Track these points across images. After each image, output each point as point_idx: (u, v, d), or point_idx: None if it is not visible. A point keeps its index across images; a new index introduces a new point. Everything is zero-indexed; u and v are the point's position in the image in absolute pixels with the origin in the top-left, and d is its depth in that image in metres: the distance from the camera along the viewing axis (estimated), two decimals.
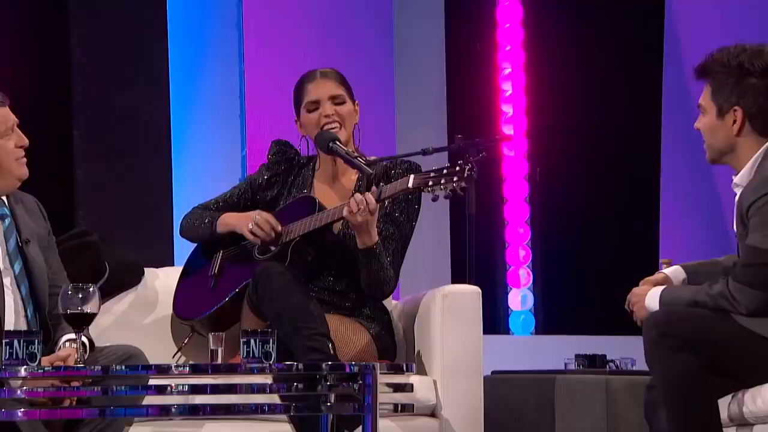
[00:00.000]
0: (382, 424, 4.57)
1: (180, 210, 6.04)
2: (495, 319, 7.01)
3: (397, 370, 3.99)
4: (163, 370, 3.73)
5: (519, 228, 7.24)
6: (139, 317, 5.39)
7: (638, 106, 7.11)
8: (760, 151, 4.39)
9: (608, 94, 7.23)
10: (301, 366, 3.79)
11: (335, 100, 5.17)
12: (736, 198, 4.40)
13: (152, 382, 3.89)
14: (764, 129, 4.39)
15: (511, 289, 7.18)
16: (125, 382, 3.73)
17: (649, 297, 4.51)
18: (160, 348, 5.17)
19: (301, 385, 3.75)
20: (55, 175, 6.53)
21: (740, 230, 4.37)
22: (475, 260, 6.63)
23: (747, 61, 4.38)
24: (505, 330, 7.09)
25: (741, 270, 4.27)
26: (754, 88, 4.37)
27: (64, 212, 6.42)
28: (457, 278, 5.48)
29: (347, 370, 3.76)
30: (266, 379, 3.90)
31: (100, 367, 3.75)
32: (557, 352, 5.95)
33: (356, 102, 5.28)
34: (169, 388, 3.66)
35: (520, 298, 7.24)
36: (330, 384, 3.74)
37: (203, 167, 6.68)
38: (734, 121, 4.40)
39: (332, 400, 3.74)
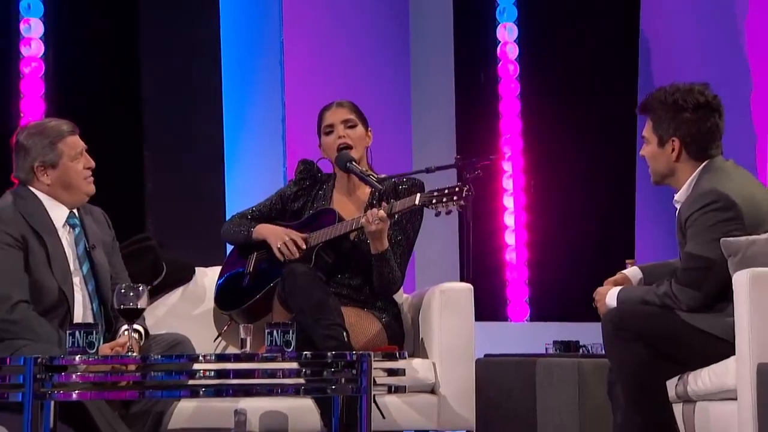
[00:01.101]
0: (389, 400, 4.64)
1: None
2: (495, 309, 7.00)
3: (392, 357, 3.96)
4: (193, 359, 3.70)
5: (517, 232, 7.19)
6: (189, 308, 5.39)
7: (615, 127, 7.05)
8: (695, 173, 4.41)
9: (589, 119, 7.15)
10: (309, 355, 3.78)
11: (347, 123, 5.17)
12: (677, 212, 4.42)
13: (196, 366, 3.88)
14: (698, 155, 4.41)
15: (508, 283, 7.15)
16: (164, 368, 3.71)
17: (609, 295, 4.53)
18: (204, 334, 5.20)
19: (309, 371, 3.75)
20: (128, 188, 6.53)
21: (680, 239, 4.39)
22: (480, 259, 6.68)
23: (681, 98, 4.41)
24: (504, 318, 7.05)
25: (681, 273, 4.29)
26: (688, 122, 4.39)
27: (136, 219, 6.42)
28: (463, 276, 5.44)
29: (348, 358, 3.74)
30: (282, 366, 3.86)
31: (139, 357, 3.75)
32: (546, 336, 5.92)
33: (369, 129, 5.26)
34: (198, 373, 3.66)
35: (516, 291, 7.20)
36: (334, 370, 3.73)
37: (251, 181, 6.65)
38: (673, 150, 4.42)
39: (336, 384, 3.73)
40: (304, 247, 5.04)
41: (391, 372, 4.00)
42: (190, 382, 3.64)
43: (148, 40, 6.79)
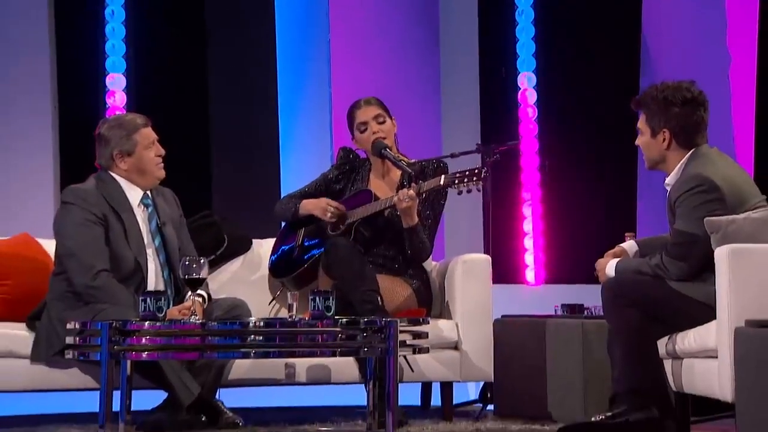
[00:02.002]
0: (418, 356, 4.64)
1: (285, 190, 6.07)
2: (514, 273, 6.98)
3: (416, 322, 3.96)
4: (244, 325, 3.70)
5: (533, 205, 7.17)
6: (247, 275, 5.40)
7: (618, 119, 6.99)
8: (683, 159, 4.39)
9: (597, 109, 7.08)
10: (345, 321, 3.79)
11: (378, 119, 5.16)
12: (668, 194, 4.40)
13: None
14: (686, 144, 4.39)
15: (525, 250, 7.13)
16: (219, 334, 3.71)
17: (608, 267, 4.52)
18: (260, 298, 5.21)
19: (344, 336, 3.75)
20: (196, 171, 6.54)
21: (670, 217, 4.38)
22: (501, 229, 6.67)
23: (670, 95, 4.39)
24: (522, 281, 7.03)
25: (670, 247, 4.28)
26: (677, 116, 4.37)
27: (203, 198, 6.41)
28: (486, 247, 5.45)
29: (378, 324, 3.74)
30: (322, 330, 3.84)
31: (199, 323, 3.76)
32: (557, 297, 5.88)
33: (393, 118, 5.24)
34: (249, 338, 3.67)
35: (533, 257, 7.18)
36: (366, 334, 3.73)
37: (301, 164, 6.64)
38: (664, 140, 4.40)
39: (368, 346, 3.73)
40: (343, 208, 5.08)
41: (416, 335, 3.99)
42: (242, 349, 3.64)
43: (213, 45, 6.77)
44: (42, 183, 6.42)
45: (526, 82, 7.25)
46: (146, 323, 3.66)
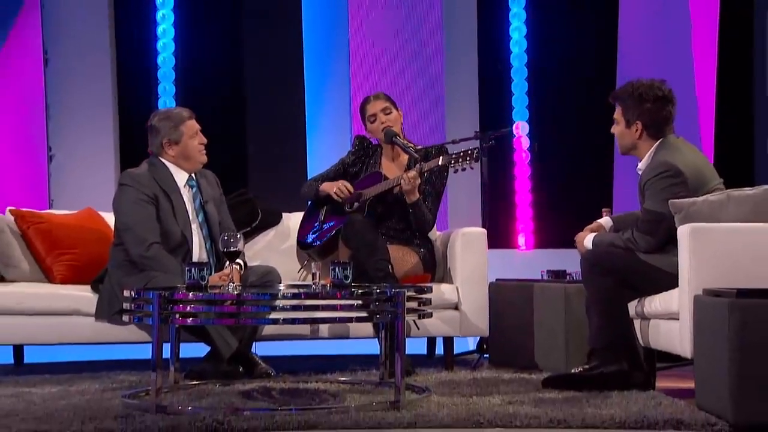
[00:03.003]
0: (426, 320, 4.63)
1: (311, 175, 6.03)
2: (508, 239, 6.96)
3: (420, 291, 3.94)
4: (274, 296, 3.68)
5: (523, 181, 7.14)
6: (278, 245, 5.42)
7: (600, 102, 6.91)
8: (653, 148, 4.37)
9: (579, 94, 7.00)
10: (360, 291, 3.74)
11: (385, 111, 5.14)
12: (639, 178, 4.39)
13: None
14: (655, 135, 4.37)
15: (518, 219, 7.10)
16: (252, 303, 3.69)
17: (586, 240, 4.51)
18: (289, 264, 5.23)
19: (359, 302, 3.74)
20: (236, 156, 6.53)
21: (640, 198, 4.36)
22: (498, 202, 6.66)
23: (644, 92, 4.36)
24: (515, 246, 7.01)
25: (640, 224, 4.27)
26: (649, 111, 4.35)
27: (240, 177, 6.41)
28: (484, 220, 5.45)
29: (387, 294, 3.70)
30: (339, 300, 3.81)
31: (235, 294, 3.73)
32: (544, 261, 5.89)
33: (400, 109, 5.22)
34: (278, 306, 3.66)
35: (524, 226, 7.16)
36: (378, 303, 3.69)
37: (324, 148, 6.62)
38: (636, 131, 4.37)
39: (379, 313, 3.69)
40: (352, 190, 5.08)
41: (421, 302, 3.98)
42: (272, 315, 3.63)
43: (249, 43, 6.78)
44: (104, 163, 6.44)
45: (519, 75, 7.19)
46: (191, 293, 3.64)
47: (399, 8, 6.87)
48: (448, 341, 4.99)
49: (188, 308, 3.60)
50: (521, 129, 7.03)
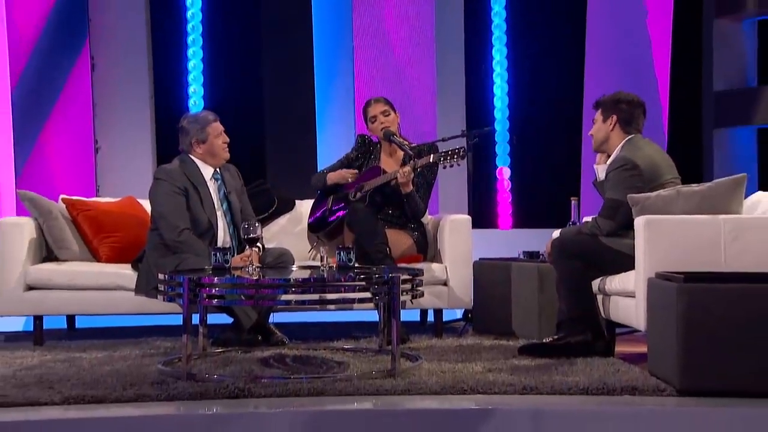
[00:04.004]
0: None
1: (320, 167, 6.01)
2: (491, 220, 6.93)
3: (414, 274, 3.91)
4: (287, 280, 3.63)
5: (503, 170, 7.10)
6: (291, 228, 5.41)
7: (567, 94, 6.85)
8: (622, 143, 4.36)
9: (550, 98, 6.94)
10: (361, 276, 3.71)
11: (384, 113, 5.10)
12: (595, 175, 4.39)
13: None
14: (625, 129, 4.39)
15: (499, 203, 7.06)
16: (268, 286, 3.66)
17: (554, 234, 4.52)
18: (300, 246, 5.21)
19: (361, 284, 3.71)
20: (255, 149, 6.48)
21: (599, 191, 4.37)
22: (483, 188, 6.64)
23: (621, 98, 4.42)
24: (496, 226, 6.98)
25: (602, 210, 4.27)
26: (623, 110, 4.35)
27: (259, 169, 6.36)
28: (469, 207, 5.43)
29: (385, 278, 3.68)
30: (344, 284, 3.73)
31: (255, 277, 3.72)
32: (521, 240, 5.85)
33: (397, 112, 5.17)
34: (291, 290, 3.63)
35: (504, 208, 7.12)
36: (377, 286, 3.66)
37: (332, 143, 6.57)
38: (611, 123, 4.37)
39: (378, 295, 3.67)
40: (354, 174, 5.06)
41: (414, 284, 3.93)
42: (285, 297, 3.62)
43: (266, 54, 6.71)
44: (142, 156, 6.42)
45: (500, 79, 7.11)
46: (215, 278, 3.64)
47: (399, 21, 6.79)
48: (438, 312, 4.97)
49: (213, 291, 3.59)
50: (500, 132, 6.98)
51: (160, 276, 3.82)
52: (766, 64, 7.32)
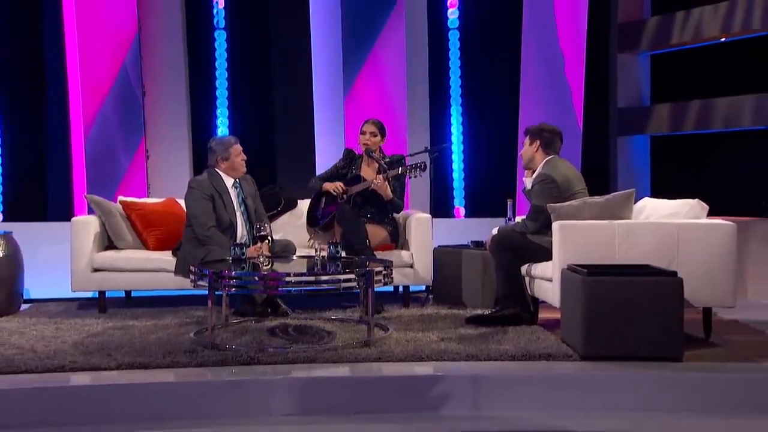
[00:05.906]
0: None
1: (317, 172, 5.91)
2: (448, 210, 6.84)
3: (386, 265, 3.88)
4: (281, 275, 3.57)
5: (459, 173, 7.02)
6: (294, 222, 5.33)
7: (505, 118, 6.70)
8: (543, 161, 4.34)
9: (499, 112, 6.79)
10: (345, 270, 3.64)
11: (372, 134, 5.03)
12: (524, 186, 4.38)
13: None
14: (546, 152, 4.35)
15: (455, 198, 6.94)
16: (274, 278, 3.58)
17: (493, 230, 4.51)
18: (301, 237, 5.13)
19: (344, 274, 3.68)
20: (265, 156, 6.31)
21: (528, 198, 4.36)
22: (443, 186, 6.53)
23: (545, 128, 4.39)
24: (453, 215, 6.88)
25: (528, 214, 4.26)
26: (545, 137, 4.32)
27: (270, 176, 6.20)
28: (431, 207, 5.32)
29: (364, 270, 3.63)
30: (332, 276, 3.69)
31: (264, 273, 3.67)
32: (473, 228, 5.76)
33: (383, 136, 5.08)
34: (291, 280, 3.56)
35: (459, 200, 7.02)
36: (357, 275, 3.60)
37: (325, 153, 6.41)
38: (535, 147, 4.35)
39: (358, 282, 3.62)
40: (344, 187, 4.99)
41: (387, 273, 3.89)
42: (287, 286, 3.59)
43: (276, 84, 6.57)
44: (182, 166, 6.33)
45: (456, 105, 6.94)
46: (233, 272, 3.61)
47: (378, 68, 6.57)
48: (406, 288, 4.95)
49: (232, 282, 3.58)
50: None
51: (191, 268, 3.79)
52: (657, 88, 7.38)
